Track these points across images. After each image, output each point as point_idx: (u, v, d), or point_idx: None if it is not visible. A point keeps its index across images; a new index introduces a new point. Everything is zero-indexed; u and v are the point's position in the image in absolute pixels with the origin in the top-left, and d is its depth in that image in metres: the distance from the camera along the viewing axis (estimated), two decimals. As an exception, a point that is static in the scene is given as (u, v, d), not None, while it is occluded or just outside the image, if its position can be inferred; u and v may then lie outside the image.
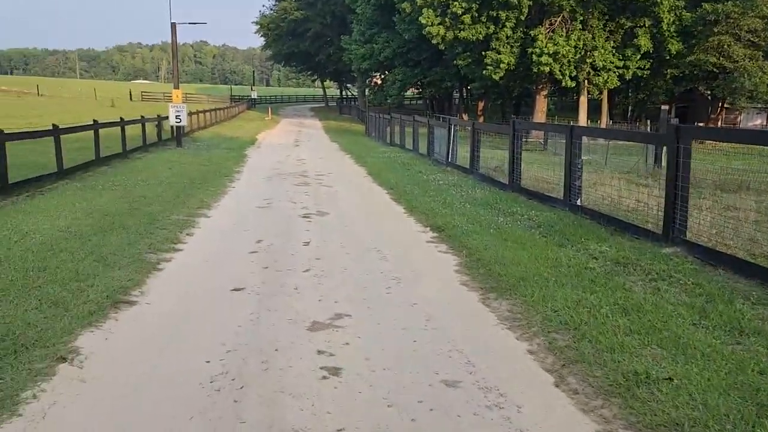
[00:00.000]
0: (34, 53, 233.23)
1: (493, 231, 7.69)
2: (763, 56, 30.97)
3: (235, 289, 5.49)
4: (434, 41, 30.56)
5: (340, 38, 49.53)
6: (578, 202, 8.65)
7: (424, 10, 29.66)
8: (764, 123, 38.50)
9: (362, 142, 26.03)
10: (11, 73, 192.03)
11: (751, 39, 30.13)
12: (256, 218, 8.99)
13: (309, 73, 78.82)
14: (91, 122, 14.09)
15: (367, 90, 61.27)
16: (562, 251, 6.53)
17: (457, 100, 48.94)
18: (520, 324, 4.64)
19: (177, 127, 20.64)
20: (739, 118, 38.98)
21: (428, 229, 8.28)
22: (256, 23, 65.86)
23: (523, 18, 28.92)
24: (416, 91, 55.10)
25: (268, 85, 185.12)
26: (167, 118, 20.68)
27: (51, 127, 11.41)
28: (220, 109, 41.17)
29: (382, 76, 48.11)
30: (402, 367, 3.88)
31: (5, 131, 9.29)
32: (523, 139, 22.40)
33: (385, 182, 12.80)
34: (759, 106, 36.04)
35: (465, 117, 40.18)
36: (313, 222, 8.78)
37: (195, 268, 6.19)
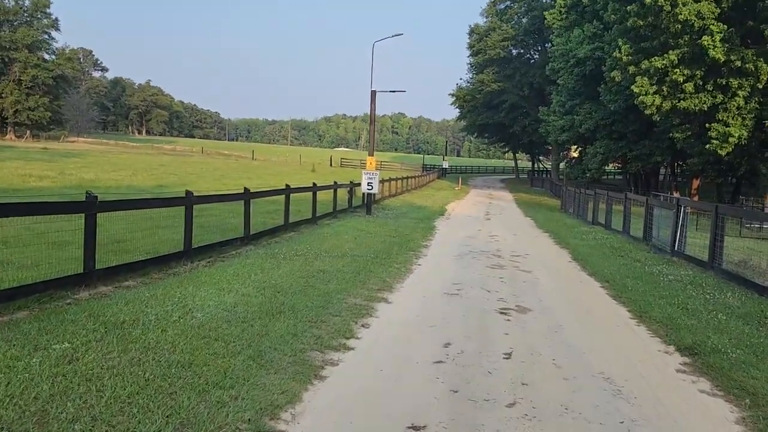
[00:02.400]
0: (256, 123, 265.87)
1: (779, 366, 5.35)
2: None
3: (413, 428, 3.97)
4: (647, 112, 27.47)
5: (537, 110, 47.94)
6: None
7: (638, 78, 26.92)
8: None
9: (559, 219, 23.72)
10: (236, 140, 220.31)
11: None
12: (444, 309, 7.49)
13: (501, 144, 77.92)
14: (283, 187, 13.90)
15: (562, 163, 58.54)
16: None
17: (663, 176, 44.19)
18: None
19: (368, 194, 20.32)
20: None
21: (672, 348, 6.13)
22: (452, 95, 66.93)
23: (760, 86, 24.90)
24: (616, 165, 51.07)
25: (458, 155, 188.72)
26: (359, 184, 20.49)
27: (242, 191, 11.17)
28: (411, 177, 41.26)
29: (579, 149, 45.22)
30: None
31: (195, 194, 9.00)
32: (747, 225, 18.70)
33: (597, 272, 10.64)
34: None
35: (676, 195, 35.68)
36: (513, 321, 7.05)
37: (364, 382, 4.81)
